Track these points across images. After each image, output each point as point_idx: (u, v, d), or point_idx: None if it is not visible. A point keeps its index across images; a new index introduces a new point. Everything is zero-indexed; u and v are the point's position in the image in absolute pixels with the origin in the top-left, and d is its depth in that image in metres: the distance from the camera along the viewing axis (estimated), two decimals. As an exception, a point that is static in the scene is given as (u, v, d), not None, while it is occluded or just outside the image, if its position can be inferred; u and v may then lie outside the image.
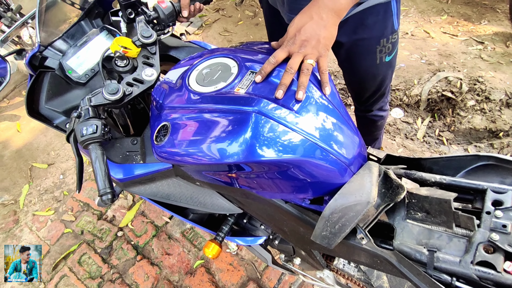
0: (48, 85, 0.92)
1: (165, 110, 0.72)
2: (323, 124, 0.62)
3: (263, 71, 0.63)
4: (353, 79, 1.12)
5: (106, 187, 0.64)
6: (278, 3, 0.96)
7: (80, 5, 0.96)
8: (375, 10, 0.88)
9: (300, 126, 0.59)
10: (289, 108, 0.60)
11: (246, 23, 2.85)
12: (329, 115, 0.63)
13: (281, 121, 0.59)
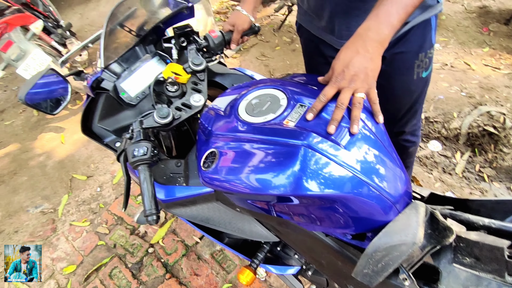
0: (102, 105, 0.98)
1: (213, 136, 0.74)
2: (371, 161, 0.62)
3: (315, 109, 0.65)
4: (388, 95, 1.09)
5: (152, 208, 0.67)
6: (324, 31, 0.98)
7: (136, 32, 1.02)
8: (416, 25, 0.90)
9: (348, 161, 0.60)
10: (338, 143, 0.61)
11: (283, 49, 2.93)
12: (377, 151, 0.63)
13: (330, 156, 0.60)
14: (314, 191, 0.58)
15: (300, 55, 2.80)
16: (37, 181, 2.28)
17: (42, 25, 2.28)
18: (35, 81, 0.80)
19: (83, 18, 4.23)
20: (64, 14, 4.34)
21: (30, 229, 1.98)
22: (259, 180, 0.62)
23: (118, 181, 2.12)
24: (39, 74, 0.82)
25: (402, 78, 1.00)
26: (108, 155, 2.32)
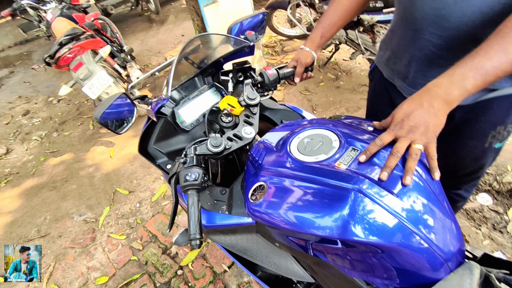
0: (159, 128, 1.06)
1: (263, 170, 0.76)
2: (424, 213, 0.60)
3: (368, 152, 0.65)
4: (451, 153, 1.05)
5: (196, 232, 0.69)
6: (398, 76, 0.95)
7: (198, 64, 1.10)
8: (504, 96, 0.83)
9: (400, 211, 0.58)
10: (390, 191, 0.60)
11: (327, 85, 2.97)
12: (432, 204, 0.62)
13: (381, 203, 0.59)
14: (361, 237, 0.57)
15: (344, 92, 2.82)
16: (84, 191, 2.44)
17: (109, 50, 2.54)
18: (110, 102, 0.89)
19: (143, 44, 4.64)
20: (127, 39, 4.80)
21: (73, 235, 2.10)
22: (306, 219, 0.63)
23: (156, 199, 2.20)
24: (113, 97, 0.91)
25: (472, 142, 0.95)
26: (150, 173, 2.43)
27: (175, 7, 5.74)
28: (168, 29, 4.96)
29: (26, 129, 3.36)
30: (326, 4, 2.86)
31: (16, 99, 3.99)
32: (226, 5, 3.14)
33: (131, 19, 5.71)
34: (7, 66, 5.02)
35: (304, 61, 1.04)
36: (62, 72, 4.34)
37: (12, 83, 4.46)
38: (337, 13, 0.99)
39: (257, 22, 1.15)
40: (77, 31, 2.57)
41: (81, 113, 3.41)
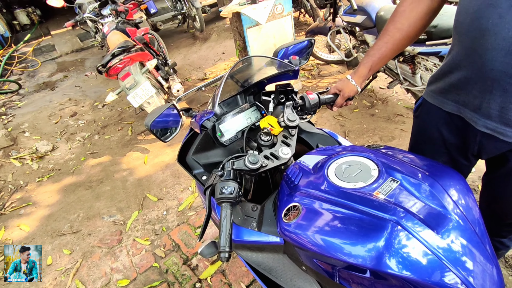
0: (199, 140, 1.09)
1: (298, 191, 0.77)
2: (464, 254, 0.57)
3: None
4: (501, 200, 0.98)
5: (226, 245, 0.70)
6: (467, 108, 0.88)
7: (241, 83, 1.14)
8: None
9: (438, 248, 0.57)
10: (430, 226, 0.58)
11: (362, 112, 2.93)
12: (473, 246, 0.59)
13: (419, 238, 0.57)
14: (395, 271, 0.56)
15: (378, 121, 2.77)
16: (116, 193, 2.54)
17: (155, 63, 2.70)
18: (160, 112, 0.94)
19: (185, 59, 4.89)
20: (171, 53, 5.08)
21: (101, 235, 2.18)
22: (338, 244, 0.63)
23: (183, 209, 2.25)
24: (163, 107, 0.96)
25: None
26: (180, 183, 2.50)
27: (218, 27, 6.01)
28: (210, 47, 5.19)
29: (72, 129, 3.61)
30: (367, 33, 2.87)
31: (67, 101, 4.32)
32: (268, 28, 3.25)
33: (176, 35, 6.05)
34: (63, 71, 5.47)
35: (347, 93, 1.05)
36: (109, 80, 4.66)
37: (65, 86, 4.85)
38: (388, 46, 0.98)
39: (302, 48, 1.18)
40: (128, 44, 2.77)
41: (122, 119, 3.61)
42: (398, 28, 0.95)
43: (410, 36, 0.96)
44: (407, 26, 0.94)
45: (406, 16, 0.93)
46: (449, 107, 0.93)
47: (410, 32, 0.95)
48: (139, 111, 3.39)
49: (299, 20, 5.37)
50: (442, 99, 0.95)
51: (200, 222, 2.11)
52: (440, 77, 0.95)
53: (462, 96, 0.88)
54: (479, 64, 0.78)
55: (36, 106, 4.30)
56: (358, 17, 2.80)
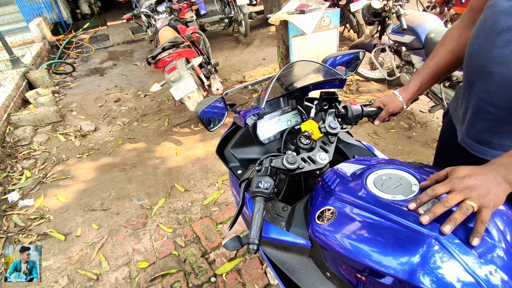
0: (240, 135, 1.12)
1: (334, 196, 0.77)
2: (504, 281, 0.55)
3: (419, 200, 0.63)
4: None
5: (256, 238, 0.72)
6: (457, 121, 0.97)
7: (286, 86, 1.15)
8: None
9: (478, 272, 0.55)
10: (471, 246, 0.57)
11: (398, 133, 2.86)
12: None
13: (459, 259, 0.56)
14: (426, 286, 0.55)
15: (415, 144, 2.68)
16: (147, 179, 2.66)
17: (200, 60, 2.82)
18: (210, 103, 0.99)
19: (227, 61, 5.03)
20: (214, 54, 5.25)
21: (128, 216, 2.29)
22: (371, 252, 0.62)
23: (207, 203, 2.30)
24: (213, 98, 1.01)
25: None
26: (207, 178, 2.56)
27: (262, 33, 6.13)
28: (252, 52, 5.30)
29: (114, 114, 3.82)
30: (414, 54, 2.80)
31: (113, 87, 4.59)
32: (313, 39, 3.28)
33: (221, 37, 6.25)
34: (113, 59, 5.84)
35: (392, 109, 1.05)
36: (153, 73, 4.90)
37: (113, 73, 5.16)
38: (438, 66, 1.00)
39: (350, 59, 1.19)
40: (178, 40, 2.91)
41: (160, 110, 3.77)
42: (448, 50, 0.98)
43: (460, 58, 0.97)
44: (458, 49, 0.96)
45: (456, 40, 0.97)
46: (453, 118, 1.01)
47: (460, 55, 0.97)
48: (178, 104, 3.53)
49: (343, 35, 5.35)
50: (452, 110, 1.03)
51: (222, 218, 2.15)
52: (458, 90, 1.02)
53: (458, 111, 0.96)
54: (466, 83, 0.88)
55: (85, 89, 4.61)
56: (406, 36, 2.75)
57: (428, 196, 0.63)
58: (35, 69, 4.91)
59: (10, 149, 3.23)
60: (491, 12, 0.74)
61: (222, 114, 1.08)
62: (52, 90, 4.42)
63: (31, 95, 3.95)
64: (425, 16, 2.70)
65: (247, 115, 0.97)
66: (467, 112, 0.89)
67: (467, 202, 0.59)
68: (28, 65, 4.83)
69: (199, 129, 3.28)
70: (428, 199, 0.63)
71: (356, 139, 1.16)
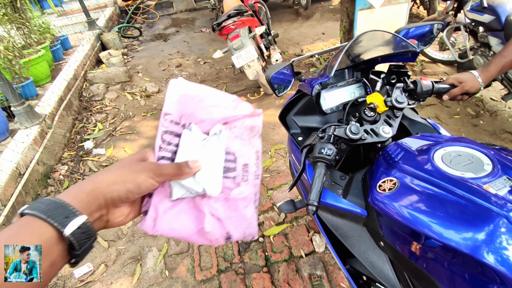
0: (302, 103, 1.15)
1: (398, 168, 0.77)
2: None
3: None
4: None
5: (315, 199, 0.75)
6: None
7: (353, 57, 1.14)
8: None
9: None
10: None
11: (463, 120, 2.67)
12: None
13: None
14: (490, 262, 0.55)
15: (481, 132, 2.49)
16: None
17: (263, 30, 2.84)
18: (279, 68, 1.04)
19: (285, 33, 4.96)
20: (273, 26, 5.19)
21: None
22: (433, 223, 0.63)
23: (258, 169, 2.41)
24: (283, 64, 1.05)
25: None
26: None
27: (323, 6, 5.88)
28: (311, 25, 5.15)
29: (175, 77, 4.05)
30: (492, 35, 2.53)
31: (175, 53, 4.82)
32: (381, 14, 3.09)
33: (281, 9, 6.12)
34: (176, 26, 6.07)
35: (468, 88, 1.00)
36: (213, 41, 5.03)
37: (176, 39, 5.40)
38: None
39: (425, 32, 1.13)
40: (242, 8, 2.94)
41: (219, 78, 3.91)
42: None
43: None
44: None
45: None
46: None
47: None
48: (237, 72, 3.62)
49: (411, 12, 4.92)
50: None
51: (273, 185, 2.25)
52: None
53: None
54: None
55: (150, 53, 4.91)
56: (485, 16, 2.47)
57: None
58: (107, 31, 5.32)
59: (86, 103, 3.62)
60: None
61: (289, 81, 1.11)
62: (122, 52, 4.78)
63: (104, 55, 4.33)
64: (510, -5, 2.39)
65: (314, 82, 0.98)
66: None
67: None
68: (101, 27, 5.24)
69: (255, 98, 3.35)
70: None
71: (422, 117, 1.13)
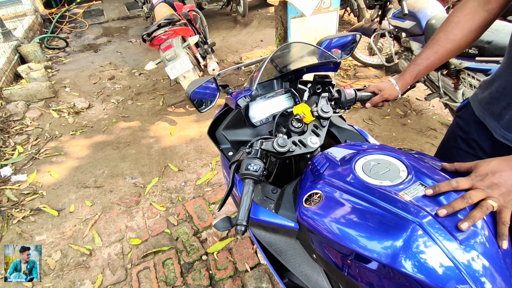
0: (231, 117, 1.11)
1: (322, 180, 0.78)
2: (485, 274, 0.56)
3: (437, 188, 0.63)
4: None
5: (244, 219, 0.72)
6: (491, 117, 0.90)
7: (280, 68, 1.14)
8: None
9: (457, 256, 0.56)
10: (454, 235, 0.58)
11: (393, 120, 2.87)
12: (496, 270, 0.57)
13: (440, 244, 0.57)
14: (409, 271, 0.56)
15: (409, 131, 2.70)
16: (141, 157, 2.66)
17: (197, 39, 2.76)
18: (201, 83, 0.98)
19: (224, 41, 4.93)
20: (211, 34, 5.14)
21: (121, 194, 2.30)
22: (356, 236, 0.63)
23: (200, 183, 2.32)
24: (204, 79, 1.00)
25: None
26: (201, 159, 2.57)
27: (260, 14, 5.99)
28: (249, 32, 5.20)
29: (108, 91, 3.77)
30: (413, 40, 2.77)
31: (107, 64, 4.50)
32: (312, 21, 3.21)
33: (218, 17, 6.10)
34: (107, 36, 5.69)
35: (387, 95, 1.04)
36: (148, 50, 4.80)
37: (107, 50, 5.05)
38: (436, 56, 0.96)
39: (346, 42, 1.17)
40: (174, 17, 2.83)
41: (156, 89, 3.72)
42: (450, 39, 0.93)
43: (461, 47, 0.95)
44: (460, 38, 0.92)
45: (460, 27, 0.91)
46: (479, 113, 0.93)
47: (462, 44, 0.93)
48: (173, 84, 3.48)
49: (343, 19, 5.25)
50: (478, 105, 0.95)
51: (215, 198, 2.17)
52: (484, 84, 0.95)
53: (492, 106, 0.88)
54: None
55: (79, 65, 4.51)
56: (407, 22, 2.70)
57: (449, 187, 0.62)
58: (27, 43, 4.78)
59: (2, 124, 3.18)
60: None
61: (214, 95, 1.07)
62: (45, 65, 4.32)
63: (23, 69, 3.86)
64: (427, 2, 2.64)
65: (238, 96, 0.96)
66: (510, 107, 0.83)
67: (488, 201, 0.59)
68: (20, 38, 4.69)
69: (194, 109, 3.25)
70: (447, 189, 0.62)
71: (349, 124, 1.16)
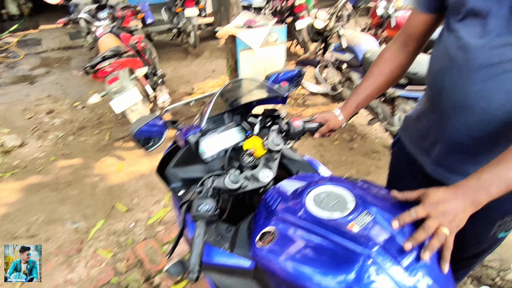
0: (181, 154, 1.07)
1: (275, 216, 0.76)
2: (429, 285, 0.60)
3: (402, 220, 0.65)
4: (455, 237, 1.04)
5: (196, 265, 0.68)
6: (421, 153, 0.99)
7: (230, 102, 1.14)
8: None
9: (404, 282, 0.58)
10: (400, 263, 0.60)
11: (342, 145, 3.02)
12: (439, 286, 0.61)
13: (388, 274, 0.59)
14: None
15: (356, 154, 2.85)
16: (84, 198, 2.42)
17: (145, 71, 2.69)
18: (147, 121, 0.93)
19: (175, 72, 4.89)
20: (162, 64, 5.07)
21: (60, 242, 2.04)
22: (309, 273, 0.63)
23: (152, 223, 2.16)
24: (151, 116, 0.95)
25: (475, 230, 0.93)
26: (153, 195, 2.42)
27: (211, 45, 6.11)
28: (201, 63, 5.25)
29: (46, 127, 3.45)
30: (353, 71, 3.02)
31: (45, 97, 4.16)
32: (261, 54, 3.35)
33: (169, 47, 6.09)
34: (46, 66, 5.31)
35: (333, 125, 1.10)
36: (93, 82, 4.55)
37: (46, 82, 4.68)
38: (373, 87, 1.07)
39: (292, 76, 1.22)
40: (120, 49, 2.74)
41: (101, 123, 3.50)
42: (382, 73, 1.07)
43: (392, 80, 1.08)
44: (389, 72, 1.06)
45: (389, 64, 1.05)
46: (411, 149, 1.04)
47: (392, 78, 1.07)
48: (120, 117, 3.30)
49: (291, 50, 5.57)
50: (408, 141, 1.06)
51: (168, 238, 2.03)
52: (410, 120, 1.07)
53: (422, 142, 0.99)
54: (437, 118, 0.90)
55: (11, 98, 4.11)
56: (346, 55, 2.95)
57: (411, 218, 0.65)
58: None
59: None
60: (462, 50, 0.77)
61: (161, 132, 1.03)
62: (-31, 99, 3.86)
63: None
64: (362, 37, 2.93)
65: (187, 133, 0.93)
66: (436, 144, 0.92)
67: (442, 229, 0.62)
68: None
69: (144, 143, 3.10)
70: (410, 220, 0.65)
71: (300, 154, 1.18)
